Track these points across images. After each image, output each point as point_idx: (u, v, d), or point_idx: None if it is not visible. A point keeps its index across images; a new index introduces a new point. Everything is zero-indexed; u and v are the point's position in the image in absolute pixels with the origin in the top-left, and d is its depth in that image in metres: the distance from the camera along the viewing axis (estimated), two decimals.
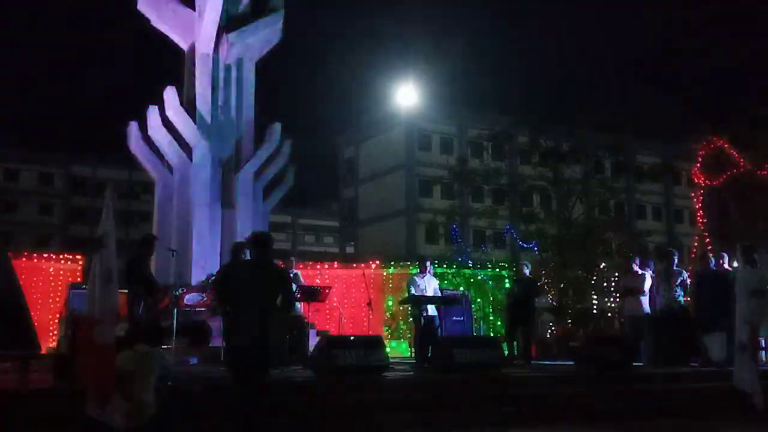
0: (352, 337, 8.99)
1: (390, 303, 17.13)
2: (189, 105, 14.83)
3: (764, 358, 11.63)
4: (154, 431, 6.55)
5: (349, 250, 45.13)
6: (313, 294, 10.47)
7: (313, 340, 10.91)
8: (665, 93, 65.63)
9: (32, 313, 6.54)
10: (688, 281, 11.31)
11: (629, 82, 68.16)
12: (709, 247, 19.30)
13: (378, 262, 17.92)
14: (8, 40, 72.00)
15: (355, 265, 18.34)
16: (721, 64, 71.46)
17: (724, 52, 74.91)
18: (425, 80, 58.48)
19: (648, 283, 11.43)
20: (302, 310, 10.82)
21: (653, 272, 11.79)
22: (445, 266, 17.37)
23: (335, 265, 18.27)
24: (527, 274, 12.68)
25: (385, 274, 17.87)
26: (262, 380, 6.07)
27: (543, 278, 17.63)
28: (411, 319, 11.47)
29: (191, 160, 14.64)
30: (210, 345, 10.79)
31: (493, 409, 8.00)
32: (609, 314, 15.75)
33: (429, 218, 30.63)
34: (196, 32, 14.80)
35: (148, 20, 15.19)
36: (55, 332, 14.32)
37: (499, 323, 16.33)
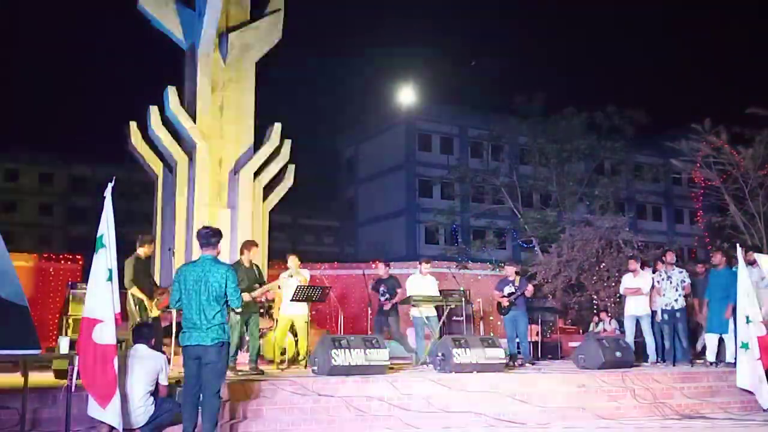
0: (352, 337, 8.97)
1: None
2: (189, 105, 14.85)
3: None
4: (153, 430, 6.56)
5: (349, 250, 45.10)
6: (312, 294, 10.45)
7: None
8: (665, 91, 65.65)
9: (32, 313, 6.53)
10: (689, 281, 11.30)
11: (629, 81, 68.19)
12: (709, 247, 19.30)
13: (378, 262, 17.91)
14: (7, 40, 71.98)
15: (354, 265, 18.35)
16: (722, 61, 71.47)
17: (725, 49, 74.95)
18: (425, 80, 58.51)
19: (649, 283, 11.43)
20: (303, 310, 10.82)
21: (654, 272, 11.79)
22: (445, 266, 17.37)
23: (335, 266, 18.29)
24: (527, 274, 12.68)
25: None
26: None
27: (543, 278, 17.61)
28: (411, 318, 11.48)
29: (191, 160, 14.66)
30: None
31: (493, 408, 8.00)
32: (609, 314, 15.70)
33: (429, 218, 30.65)
34: (196, 32, 14.81)
35: (148, 20, 15.21)
36: (55, 332, 14.33)
37: (499, 323, 16.33)
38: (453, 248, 25.39)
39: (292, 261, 10.64)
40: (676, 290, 11.12)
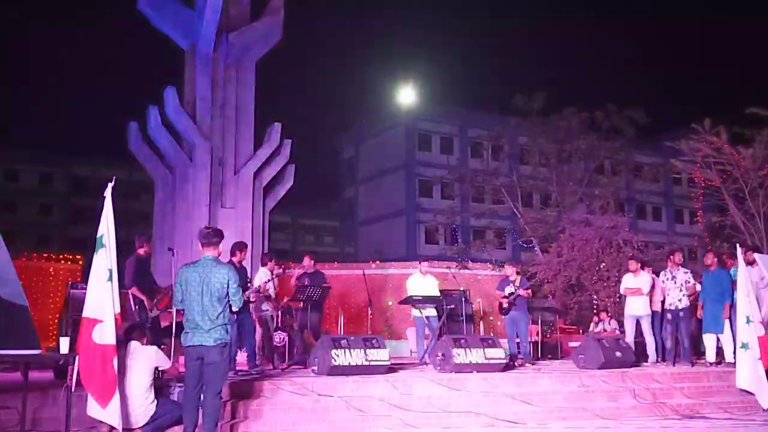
0: (352, 337, 8.96)
1: (390, 303, 17.13)
2: (189, 105, 14.85)
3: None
4: (153, 430, 6.56)
5: (349, 250, 45.10)
6: (313, 294, 10.45)
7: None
8: (664, 91, 65.64)
9: (32, 313, 6.52)
10: (690, 281, 11.28)
11: (629, 81, 68.17)
12: (709, 247, 19.29)
13: (378, 262, 17.94)
14: (7, 40, 72.05)
15: (354, 265, 18.35)
16: (723, 61, 71.48)
17: (725, 49, 74.94)
18: (425, 80, 58.53)
19: (649, 283, 11.42)
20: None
21: (654, 272, 11.78)
22: (445, 266, 17.36)
23: (335, 266, 18.26)
24: (527, 274, 12.68)
25: (384, 274, 17.88)
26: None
27: (543, 278, 17.61)
28: (411, 318, 11.47)
29: (191, 160, 14.66)
30: None
31: (493, 408, 8.00)
32: (609, 314, 15.71)
33: (429, 218, 30.67)
34: (196, 32, 14.82)
35: (148, 20, 15.22)
36: (55, 332, 14.32)
37: (499, 323, 16.32)
38: (453, 248, 25.37)
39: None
40: (680, 290, 11.10)
